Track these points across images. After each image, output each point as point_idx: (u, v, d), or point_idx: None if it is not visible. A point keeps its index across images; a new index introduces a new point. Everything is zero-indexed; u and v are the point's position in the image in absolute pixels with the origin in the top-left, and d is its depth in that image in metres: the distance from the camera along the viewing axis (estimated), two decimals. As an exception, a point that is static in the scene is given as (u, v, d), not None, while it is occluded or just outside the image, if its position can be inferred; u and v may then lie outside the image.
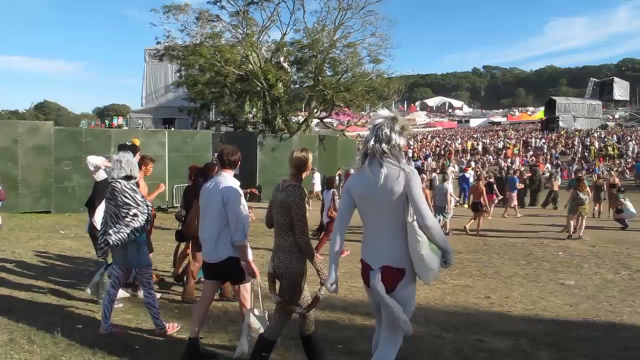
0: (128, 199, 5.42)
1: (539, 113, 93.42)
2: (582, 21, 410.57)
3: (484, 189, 16.60)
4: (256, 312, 4.90)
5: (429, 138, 68.63)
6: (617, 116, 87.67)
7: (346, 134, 36.08)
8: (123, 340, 5.46)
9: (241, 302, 5.28)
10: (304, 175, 4.52)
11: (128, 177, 5.57)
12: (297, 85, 31.87)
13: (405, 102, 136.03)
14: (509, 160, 41.04)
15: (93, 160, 6.96)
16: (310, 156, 4.60)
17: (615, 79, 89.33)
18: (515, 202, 20.42)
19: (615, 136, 52.79)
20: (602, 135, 53.90)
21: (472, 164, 37.45)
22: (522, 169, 29.03)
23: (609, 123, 74.17)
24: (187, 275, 7.34)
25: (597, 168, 33.87)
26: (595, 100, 78.67)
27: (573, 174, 26.66)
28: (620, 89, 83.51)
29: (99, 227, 6.15)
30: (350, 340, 5.60)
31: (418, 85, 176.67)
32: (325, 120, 34.18)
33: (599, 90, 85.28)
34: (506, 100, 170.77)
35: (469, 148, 52.55)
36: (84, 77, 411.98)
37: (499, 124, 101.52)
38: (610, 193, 19.29)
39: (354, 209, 3.78)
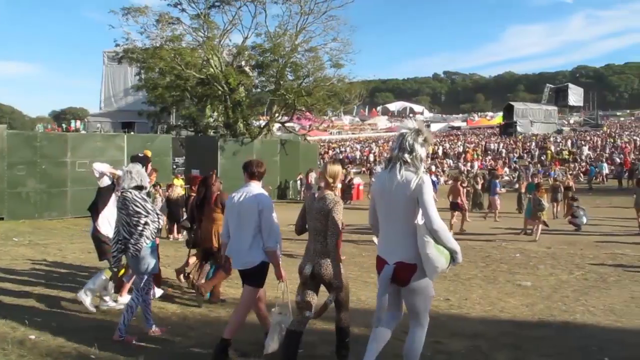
0: (139, 208, 5.63)
1: (498, 118, 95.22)
2: (539, 29, 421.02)
3: (461, 188, 17.00)
4: (283, 310, 5.13)
5: (391, 143, 69.18)
6: (571, 121, 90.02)
7: (308, 138, 36.11)
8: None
9: (257, 308, 5.48)
10: (337, 184, 4.87)
11: (139, 187, 5.76)
12: (259, 90, 31.78)
13: (367, 106, 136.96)
14: (469, 164, 41.67)
15: (98, 167, 7.01)
16: (341, 168, 5.06)
17: (570, 85, 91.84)
18: (497, 206, 20.52)
19: (570, 141, 54.15)
20: (558, 140, 55.22)
21: (432, 167, 37.99)
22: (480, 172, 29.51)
23: (564, 128, 76.01)
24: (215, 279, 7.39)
25: (553, 172, 34.63)
26: (551, 106, 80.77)
27: (530, 177, 27.15)
28: (575, 95, 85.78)
29: (102, 231, 6.61)
30: (312, 345, 5.59)
31: (380, 90, 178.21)
32: (287, 124, 34.15)
33: (555, 96, 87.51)
34: (466, 106, 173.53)
35: (429, 152, 53.12)
36: (41, 80, 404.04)
37: (458, 128, 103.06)
38: (566, 195, 19.93)
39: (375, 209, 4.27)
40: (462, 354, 5.58)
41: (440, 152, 53.36)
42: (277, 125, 34.04)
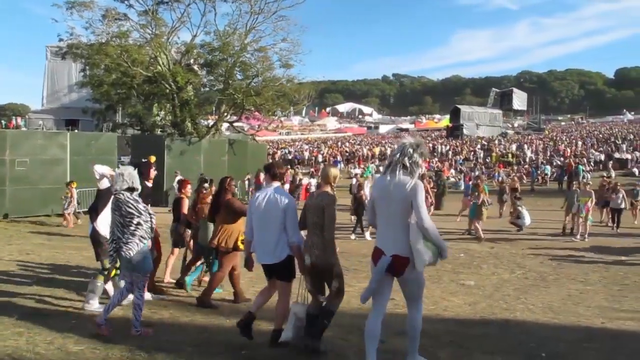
0: (131, 209, 5.83)
1: (445, 120, 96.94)
2: (486, 34, 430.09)
3: (428, 185, 17.42)
4: (300, 302, 5.63)
5: (339, 144, 69.56)
6: (516, 125, 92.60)
7: (257, 138, 35.94)
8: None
9: (283, 300, 5.65)
10: (333, 185, 5.50)
11: (130, 189, 5.94)
12: (207, 89, 31.44)
13: (317, 107, 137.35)
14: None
15: (99, 169, 7.19)
16: (336, 171, 5.69)
17: (515, 89, 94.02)
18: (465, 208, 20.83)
19: (514, 144, 55.61)
20: (502, 143, 56.63)
21: (381, 168, 38.33)
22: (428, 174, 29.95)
23: (508, 131, 77.97)
24: (234, 282, 7.76)
25: (497, 174, 35.48)
26: (497, 110, 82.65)
27: (474, 179, 27.78)
28: (519, 100, 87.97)
29: (101, 232, 6.81)
30: (255, 346, 5.58)
31: (329, 91, 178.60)
32: (235, 124, 33.88)
33: (500, 100, 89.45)
34: (414, 108, 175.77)
35: (377, 154, 53.68)
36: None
37: (407, 130, 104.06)
38: (512, 196, 20.58)
39: (375, 209, 4.82)
40: (406, 352, 5.65)
41: (388, 153, 53.92)
42: (225, 125, 33.75)
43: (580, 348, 6.07)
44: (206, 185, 8.95)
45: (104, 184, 7.02)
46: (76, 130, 32.68)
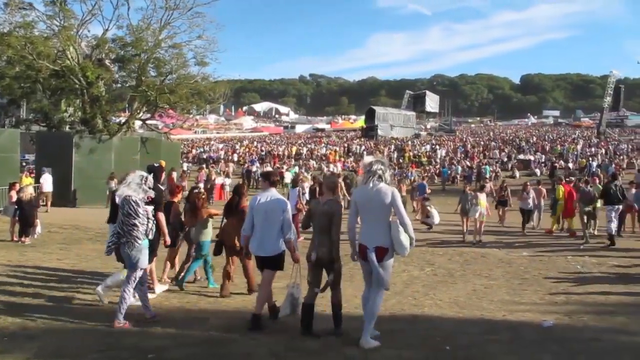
0: (131, 211, 6.47)
1: (360, 121, 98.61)
2: (402, 37, 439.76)
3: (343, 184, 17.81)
4: (295, 285, 6.54)
5: (255, 143, 69.33)
6: (428, 126, 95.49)
7: (171, 137, 35.17)
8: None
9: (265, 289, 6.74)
10: (337, 193, 6.79)
11: (135, 193, 6.56)
12: (119, 85, 30.42)
13: (233, 106, 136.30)
14: (331, 165, 42.77)
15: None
16: (340, 180, 7.08)
17: (428, 92, 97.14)
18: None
19: (427, 145, 57.34)
20: (415, 144, 58.25)
21: (296, 168, 38.55)
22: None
23: (421, 132, 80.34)
24: (224, 276, 8.53)
25: (410, 173, 36.41)
26: (410, 111, 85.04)
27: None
28: (432, 102, 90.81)
29: None
30: (163, 348, 5.48)
31: (246, 90, 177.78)
32: (149, 122, 32.98)
33: (414, 102, 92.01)
34: (330, 108, 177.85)
35: (294, 153, 53.88)
36: None
37: (323, 130, 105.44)
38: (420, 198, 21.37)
39: (358, 212, 6.00)
40: (315, 350, 5.72)
41: (304, 153, 54.28)
42: (139, 122, 32.81)
43: (483, 340, 6.35)
44: (202, 190, 10.17)
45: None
46: (-25, 126, 30.82)
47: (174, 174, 26.77)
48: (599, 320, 7.57)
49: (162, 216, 7.68)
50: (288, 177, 28.37)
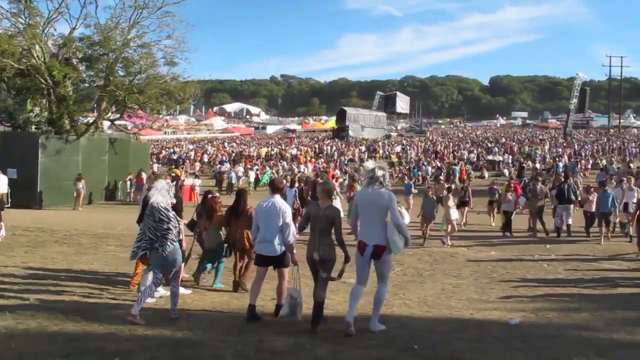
0: (163, 216, 6.94)
1: (331, 122, 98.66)
2: (373, 39, 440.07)
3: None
4: (294, 286, 6.96)
5: (225, 144, 68.97)
6: (399, 127, 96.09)
7: (140, 137, 34.75)
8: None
9: (282, 282, 7.33)
10: (333, 198, 7.40)
11: (164, 199, 7.09)
12: (87, 84, 29.90)
13: (204, 107, 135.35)
14: (302, 166, 42.79)
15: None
16: (335, 185, 8.12)
17: (398, 93, 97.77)
18: (410, 206, 21.09)
19: (397, 145, 57.71)
20: (386, 144, 58.57)
21: (267, 169, 38.53)
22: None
23: (392, 133, 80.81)
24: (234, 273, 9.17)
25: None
26: (381, 112, 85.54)
27: (349, 178, 28.48)
28: (402, 103, 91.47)
29: None
30: (128, 352, 5.41)
31: (217, 91, 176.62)
32: (118, 122, 32.51)
33: (385, 103, 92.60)
34: (301, 109, 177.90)
35: (263, 154, 53.71)
36: None
37: (294, 131, 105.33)
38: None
39: (358, 212, 6.63)
40: (285, 351, 5.72)
41: (274, 154, 54.15)
42: (107, 123, 32.34)
43: (450, 338, 6.43)
44: (217, 195, 10.30)
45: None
46: None
47: (143, 175, 26.78)
48: (564, 317, 7.72)
49: (182, 222, 7.90)
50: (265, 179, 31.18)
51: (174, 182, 9.68)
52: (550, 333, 6.77)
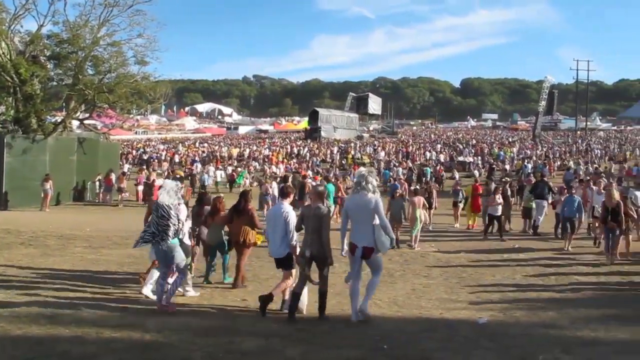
0: (165, 213, 7.46)
1: (304, 123, 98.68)
2: (345, 40, 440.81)
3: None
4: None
5: (197, 144, 68.46)
6: (371, 128, 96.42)
7: (110, 137, 34.25)
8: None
9: (285, 281, 7.81)
10: (324, 199, 7.97)
11: (170, 199, 7.59)
12: (55, 83, 29.38)
13: (175, 106, 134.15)
14: (274, 166, 42.70)
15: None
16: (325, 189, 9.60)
17: (371, 94, 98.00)
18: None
19: (369, 146, 57.93)
20: (358, 145, 58.76)
21: (243, 170, 38.46)
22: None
23: (364, 134, 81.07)
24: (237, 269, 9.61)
25: (351, 174, 36.68)
26: (353, 113, 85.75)
27: (333, 180, 28.57)
28: (375, 104, 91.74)
29: (184, 240, 8.38)
30: (95, 355, 5.33)
31: (188, 91, 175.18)
32: (88, 122, 31.99)
33: (357, 104, 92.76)
34: (274, 109, 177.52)
35: (235, 155, 53.43)
36: None
37: (266, 131, 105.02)
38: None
39: (348, 217, 7.30)
40: (255, 352, 5.69)
41: (246, 154, 53.92)
42: (76, 122, 31.83)
43: (420, 338, 6.48)
44: (222, 195, 11.09)
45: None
46: None
47: (112, 176, 26.41)
48: (531, 316, 7.85)
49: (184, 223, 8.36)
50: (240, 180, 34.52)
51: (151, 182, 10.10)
52: (517, 332, 6.87)
